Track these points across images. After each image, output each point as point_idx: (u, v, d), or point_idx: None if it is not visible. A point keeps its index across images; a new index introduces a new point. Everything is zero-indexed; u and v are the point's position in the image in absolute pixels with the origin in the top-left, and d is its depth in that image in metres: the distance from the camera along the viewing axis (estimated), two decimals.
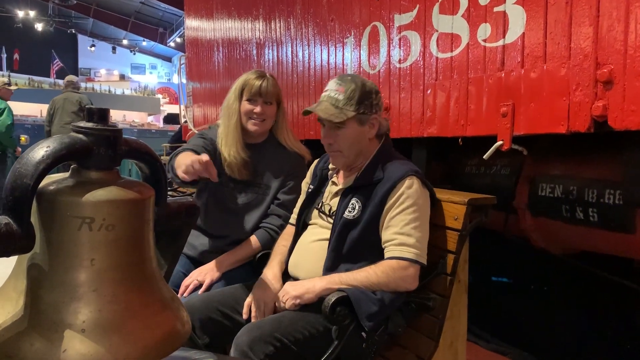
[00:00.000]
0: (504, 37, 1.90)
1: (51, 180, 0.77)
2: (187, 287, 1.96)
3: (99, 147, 0.77)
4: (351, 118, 1.71)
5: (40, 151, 0.72)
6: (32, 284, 0.74)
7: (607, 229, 1.96)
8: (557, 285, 2.60)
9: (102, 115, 0.79)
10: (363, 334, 1.60)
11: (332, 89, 1.74)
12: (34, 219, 0.72)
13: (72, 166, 0.79)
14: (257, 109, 2.11)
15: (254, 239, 2.10)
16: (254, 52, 4.30)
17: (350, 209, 1.72)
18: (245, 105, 2.12)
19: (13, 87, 7.23)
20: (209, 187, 2.19)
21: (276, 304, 1.73)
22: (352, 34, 2.85)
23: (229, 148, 2.13)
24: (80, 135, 0.77)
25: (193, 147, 2.08)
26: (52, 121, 7.56)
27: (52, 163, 0.72)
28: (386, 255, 1.66)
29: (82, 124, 0.78)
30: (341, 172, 1.89)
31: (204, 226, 2.18)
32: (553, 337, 2.62)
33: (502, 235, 2.60)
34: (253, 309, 1.74)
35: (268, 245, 2.06)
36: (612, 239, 1.98)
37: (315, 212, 1.89)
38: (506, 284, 2.89)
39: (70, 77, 8.12)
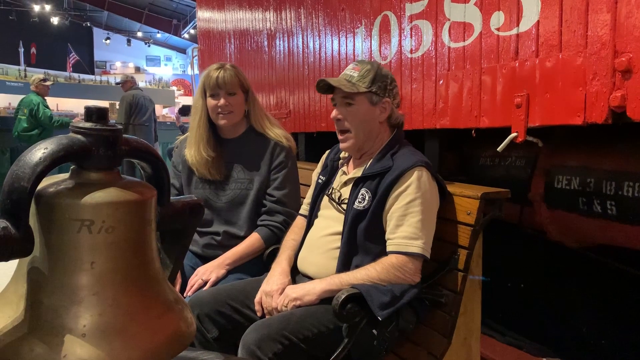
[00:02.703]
0: (517, 25, 1.84)
1: (50, 182, 0.75)
2: (192, 285, 1.96)
3: (98, 147, 0.76)
4: (362, 94, 1.73)
5: (38, 153, 0.70)
6: (32, 287, 0.73)
7: (625, 222, 1.91)
8: (574, 278, 2.56)
9: (101, 114, 0.78)
10: (374, 330, 1.59)
11: (349, 69, 1.79)
12: (32, 222, 0.71)
13: (71, 167, 0.78)
14: (221, 102, 2.08)
15: (256, 236, 2.08)
16: (265, 43, 4.27)
17: (360, 199, 1.71)
18: (210, 102, 2.10)
19: (49, 83, 7.30)
20: (189, 190, 2.19)
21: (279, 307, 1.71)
22: (363, 23, 2.81)
23: (190, 148, 2.12)
24: (79, 136, 0.75)
25: (172, 185, 2.19)
26: (132, 117, 7.61)
27: (50, 165, 0.70)
28: (387, 249, 1.65)
29: (81, 123, 0.76)
30: (351, 162, 1.88)
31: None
32: (569, 330, 2.58)
33: (517, 227, 2.56)
34: (261, 306, 1.73)
35: (272, 242, 2.04)
36: (631, 232, 1.93)
37: (325, 200, 1.87)
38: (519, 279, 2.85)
39: (127, 76, 8.09)
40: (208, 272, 1.98)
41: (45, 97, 7.06)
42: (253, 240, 2.08)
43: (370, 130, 1.78)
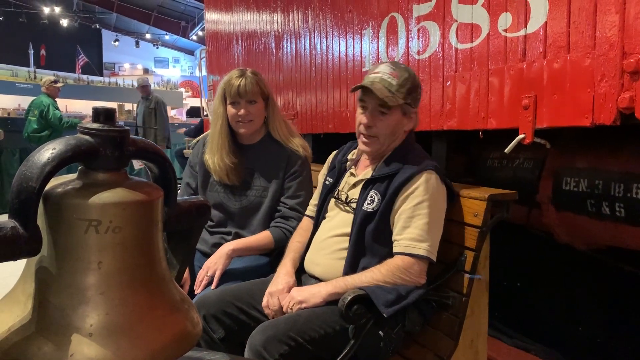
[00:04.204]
0: (525, 26, 1.84)
1: (58, 182, 0.76)
2: (201, 281, 1.96)
3: (106, 148, 0.76)
4: (399, 106, 1.72)
5: (46, 153, 0.71)
6: (40, 287, 0.74)
7: (634, 224, 1.90)
8: (582, 280, 2.54)
9: (108, 115, 0.78)
10: (380, 332, 1.58)
11: (385, 72, 1.72)
12: (40, 221, 0.72)
13: (79, 168, 0.79)
14: (241, 112, 2.07)
15: (268, 233, 2.08)
16: (272, 44, 4.28)
17: (369, 201, 1.71)
18: (230, 110, 2.09)
19: (60, 85, 7.39)
20: (205, 193, 2.19)
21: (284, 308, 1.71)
22: (370, 25, 2.80)
23: (213, 155, 2.11)
24: (87, 137, 0.76)
25: (188, 184, 2.24)
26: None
27: (58, 165, 0.71)
28: (394, 250, 1.66)
29: (89, 124, 0.77)
30: (360, 164, 1.88)
31: (208, 224, 2.18)
32: (578, 333, 2.56)
33: (525, 229, 2.54)
34: (268, 308, 1.73)
35: (281, 244, 2.04)
36: (639, 235, 1.91)
37: (332, 202, 1.87)
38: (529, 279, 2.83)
39: (146, 80, 8.34)
40: (214, 264, 1.97)
41: (55, 99, 7.14)
42: (263, 235, 2.08)
43: (395, 138, 1.79)
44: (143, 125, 8.06)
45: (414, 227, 1.62)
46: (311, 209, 2.03)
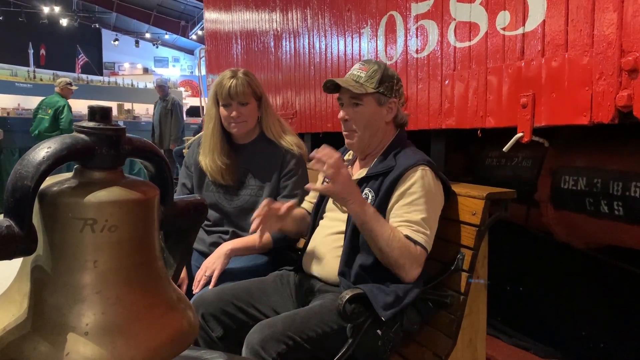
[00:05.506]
0: (523, 25, 1.84)
1: (54, 180, 0.76)
2: (199, 281, 1.96)
3: (102, 146, 0.76)
4: (370, 95, 1.73)
5: (41, 152, 0.71)
6: (36, 286, 0.73)
7: (632, 223, 1.90)
8: (581, 279, 2.54)
9: (104, 114, 0.78)
10: (378, 331, 1.58)
11: (355, 69, 1.79)
12: (36, 220, 0.71)
13: (75, 166, 0.79)
14: (233, 113, 2.07)
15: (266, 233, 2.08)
16: (272, 43, 4.28)
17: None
18: (222, 111, 2.10)
19: (74, 87, 7.44)
20: (200, 193, 2.19)
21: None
22: (369, 23, 2.80)
23: (205, 156, 2.12)
24: (82, 135, 0.75)
25: (183, 184, 2.25)
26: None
27: (53, 164, 0.71)
28: (403, 232, 1.61)
29: (84, 123, 0.77)
30: (356, 164, 1.89)
31: (205, 223, 2.17)
32: (576, 332, 2.56)
33: (523, 228, 2.54)
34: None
35: (280, 243, 2.04)
36: (638, 233, 1.91)
37: (330, 202, 1.88)
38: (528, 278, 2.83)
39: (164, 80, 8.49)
40: (212, 264, 1.97)
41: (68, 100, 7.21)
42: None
43: (377, 130, 1.79)
44: (159, 125, 8.09)
45: (413, 218, 1.62)
46: (307, 204, 2.03)
